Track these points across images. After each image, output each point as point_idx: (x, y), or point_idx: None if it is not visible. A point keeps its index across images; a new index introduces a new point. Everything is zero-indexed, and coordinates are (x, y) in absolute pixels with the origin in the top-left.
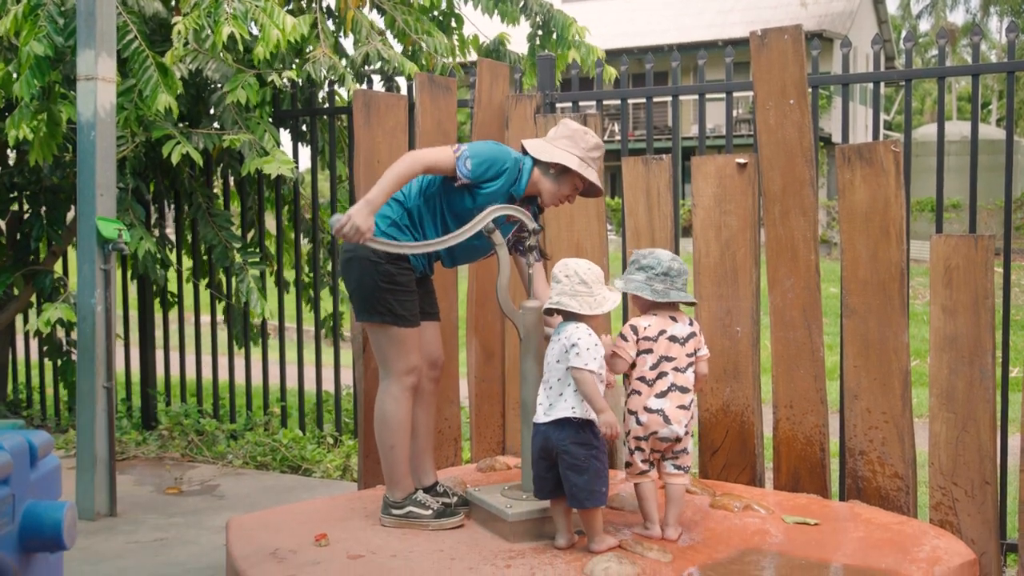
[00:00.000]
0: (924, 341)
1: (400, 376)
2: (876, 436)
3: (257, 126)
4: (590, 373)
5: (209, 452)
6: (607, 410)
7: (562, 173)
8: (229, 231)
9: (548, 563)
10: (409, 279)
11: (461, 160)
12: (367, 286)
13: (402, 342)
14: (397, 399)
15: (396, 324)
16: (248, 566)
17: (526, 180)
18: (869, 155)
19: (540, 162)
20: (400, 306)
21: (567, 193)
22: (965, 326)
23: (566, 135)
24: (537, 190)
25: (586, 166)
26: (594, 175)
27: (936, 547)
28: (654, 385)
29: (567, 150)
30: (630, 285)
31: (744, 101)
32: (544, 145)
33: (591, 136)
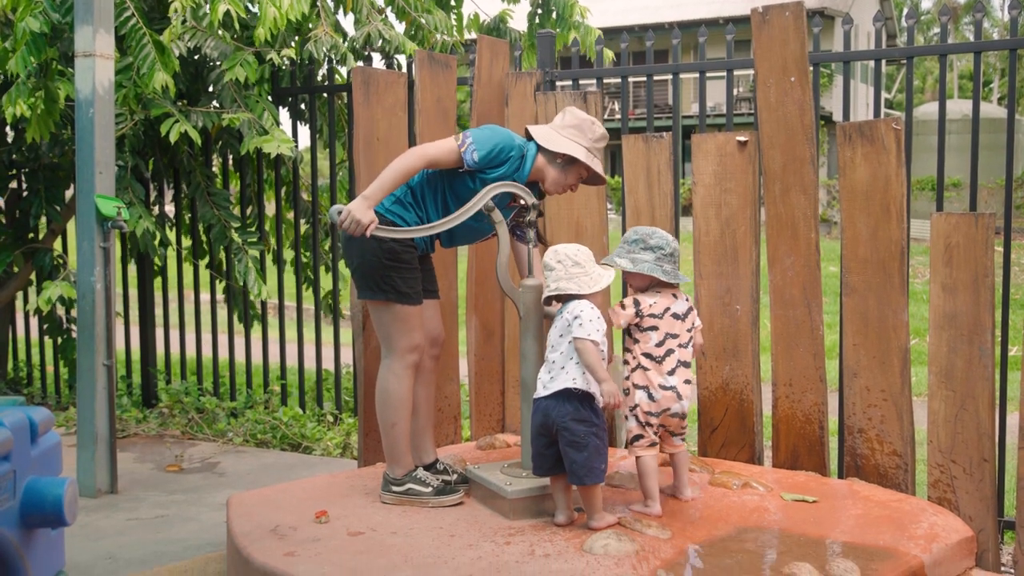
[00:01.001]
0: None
1: (403, 354)
2: (875, 414)
3: (256, 104)
4: (592, 343)
5: (209, 430)
6: (608, 380)
7: (569, 163)
8: (228, 210)
9: (547, 540)
10: (412, 256)
11: (468, 152)
12: (370, 263)
13: (405, 320)
14: (399, 377)
15: (399, 302)
16: (248, 543)
17: (530, 166)
18: (870, 133)
19: (545, 150)
20: (404, 283)
21: (572, 182)
22: (965, 304)
23: (573, 124)
24: (541, 177)
25: (592, 157)
26: (599, 166)
27: (934, 524)
28: (663, 363)
29: (574, 140)
30: (641, 265)
31: (745, 80)
32: (551, 134)
33: (598, 127)
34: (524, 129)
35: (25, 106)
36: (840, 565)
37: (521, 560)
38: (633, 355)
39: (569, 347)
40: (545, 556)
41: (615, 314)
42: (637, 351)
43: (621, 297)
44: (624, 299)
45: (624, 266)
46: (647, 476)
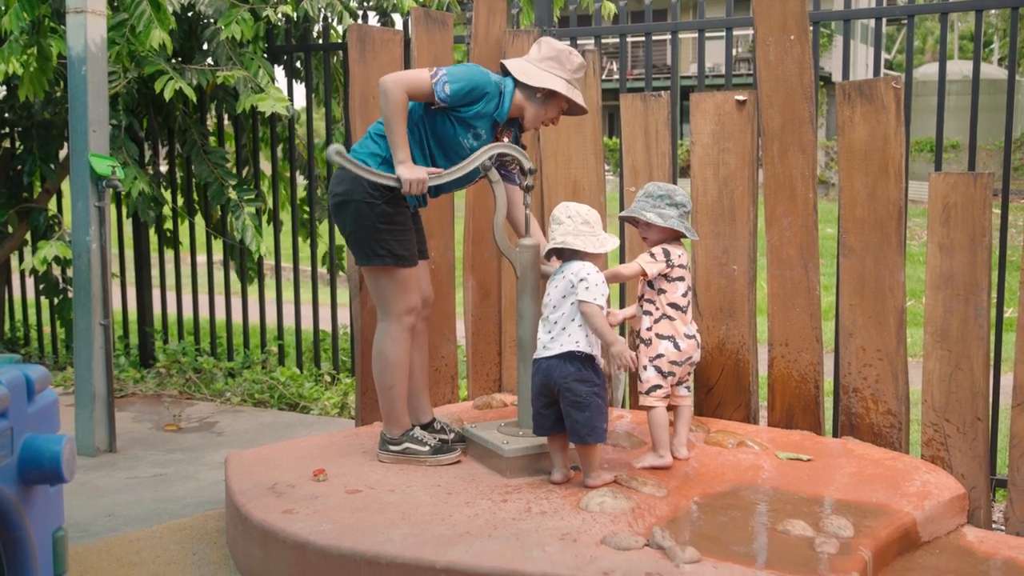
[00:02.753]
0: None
1: (400, 316)
2: (870, 374)
3: (251, 62)
4: (599, 307)
5: (207, 390)
6: (618, 341)
7: (549, 97)
8: (224, 168)
9: (544, 497)
10: (406, 217)
11: (439, 84)
12: (364, 228)
13: (402, 282)
14: (396, 340)
15: (397, 265)
16: (247, 500)
17: (508, 103)
18: (869, 92)
19: (523, 85)
20: (400, 246)
21: (552, 116)
22: (961, 264)
23: (551, 56)
24: (520, 113)
25: (572, 88)
26: (580, 96)
27: (927, 482)
28: (687, 312)
29: (553, 72)
30: (670, 221)
31: (744, 40)
32: (528, 67)
33: (576, 56)
34: (500, 65)
35: (18, 64)
36: (834, 522)
37: (518, 517)
38: (657, 305)
39: (572, 308)
40: (541, 513)
41: (647, 264)
42: (662, 301)
43: (618, 262)
44: (654, 249)
45: (654, 220)
46: (660, 426)
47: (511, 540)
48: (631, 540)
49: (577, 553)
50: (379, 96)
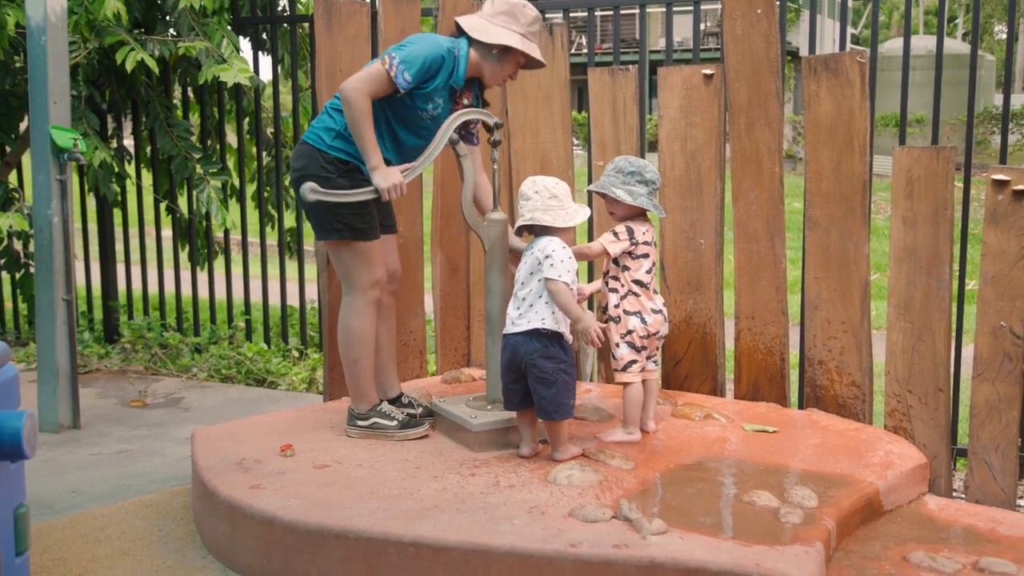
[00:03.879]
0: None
1: (364, 290)
2: (835, 346)
3: (215, 33)
4: (564, 284)
5: (173, 365)
6: (584, 318)
7: (504, 53)
8: (188, 141)
9: (512, 471)
10: None
11: (398, 74)
12: (321, 203)
13: (364, 256)
14: (361, 313)
15: (356, 239)
16: (213, 476)
17: (464, 66)
18: (835, 66)
19: (478, 43)
20: (359, 219)
21: (510, 71)
22: (924, 237)
23: (504, 11)
24: (478, 72)
25: (527, 42)
26: (536, 50)
27: (889, 452)
28: (649, 287)
29: (507, 27)
30: (639, 199)
31: (713, 14)
32: (482, 24)
33: (529, 9)
34: (454, 23)
35: None
36: (798, 492)
37: (486, 491)
38: (622, 282)
39: (539, 285)
40: (510, 487)
41: (609, 244)
42: (627, 278)
43: (586, 234)
44: (617, 228)
45: (623, 197)
46: (634, 404)
47: (479, 514)
48: (598, 512)
49: (545, 526)
50: (344, 107)
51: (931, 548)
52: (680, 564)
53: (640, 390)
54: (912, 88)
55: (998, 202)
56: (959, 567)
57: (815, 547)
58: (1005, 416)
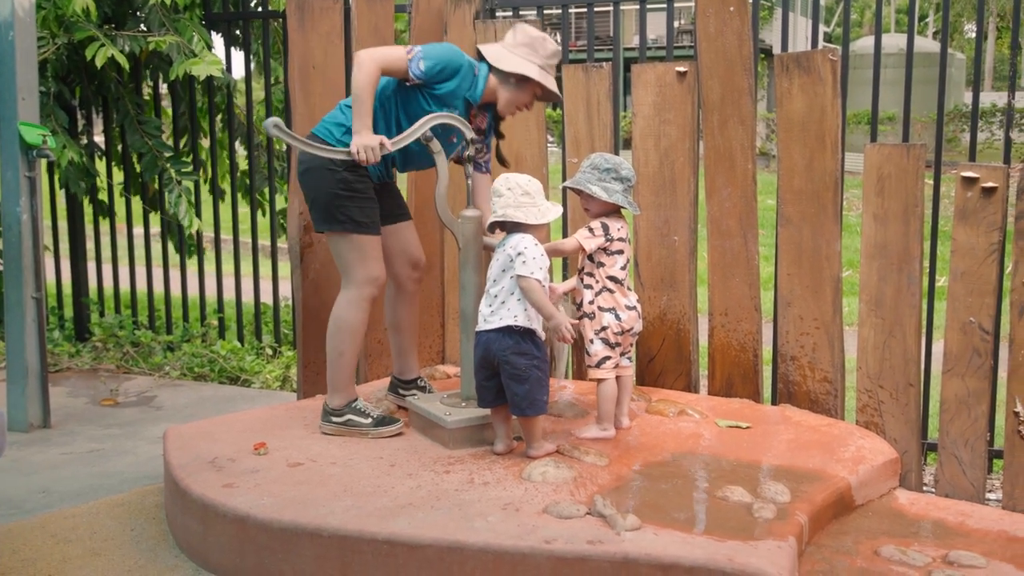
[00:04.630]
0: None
1: (360, 284)
2: (807, 342)
3: (186, 28)
4: (537, 282)
5: (145, 364)
6: (556, 315)
7: (522, 82)
8: (159, 139)
9: (487, 468)
10: (366, 186)
11: (414, 61)
12: (325, 194)
13: (362, 250)
14: (354, 307)
15: (357, 232)
16: (186, 475)
17: (482, 86)
18: (807, 63)
19: (498, 70)
20: (360, 213)
21: (526, 101)
22: (895, 234)
23: (525, 43)
24: (494, 98)
25: (546, 74)
26: (553, 83)
27: (861, 447)
28: (623, 284)
29: (527, 58)
30: (614, 196)
31: (687, 12)
32: (502, 53)
33: (550, 43)
34: (475, 50)
35: None
36: (771, 488)
37: (460, 488)
38: (596, 279)
39: (511, 283)
40: (484, 484)
41: (585, 240)
42: (601, 275)
43: (561, 230)
44: (592, 223)
45: (599, 194)
46: (608, 400)
47: (454, 511)
48: (573, 509)
49: (519, 522)
50: (354, 69)
51: (902, 542)
52: (654, 560)
53: (614, 386)
54: (883, 86)
55: (967, 199)
56: (929, 560)
57: (788, 542)
58: (974, 411)
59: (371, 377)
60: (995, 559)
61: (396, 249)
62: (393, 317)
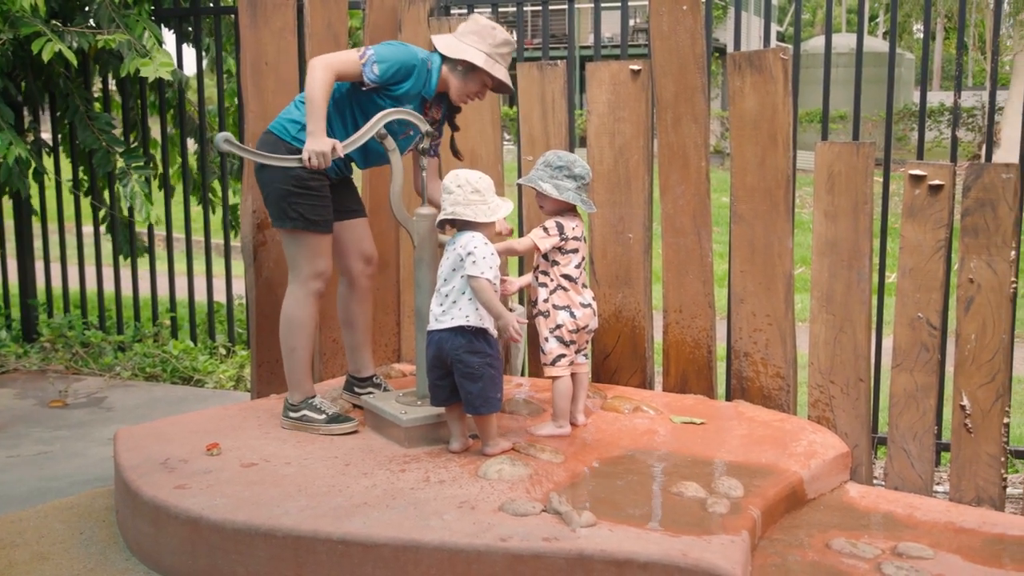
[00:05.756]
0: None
1: (306, 281)
2: (760, 338)
3: (136, 24)
4: (487, 281)
5: (95, 364)
6: (505, 315)
7: (469, 70)
8: (111, 135)
9: (442, 466)
10: (321, 184)
11: (368, 66)
12: (278, 191)
13: (312, 247)
14: (300, 303)
15: (307, 229)
16: (137, 476)
17: (436, 79)
18: (759, 62)
19: (448, 59)
20: (312, 211)
21: (475, 90)
22: (845, 231)
23: (474, 31)
24: (446, 87)
25: (493, 63)
26: (502, 72)
27: (813, 442)
28: (578, 282)
29: (474, 46)
30: (565, 193)
31: (642, 11)
32: (452, 41)
33: (499, 32)
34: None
35: None
36: (725, 483)
37: (416, 487)
38: (551, 277)
39: (462, 282)
40: (440, 482)
41: (540, 240)
42: (556, 273)
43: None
44: (547, 223)
45: (549, 191)
46: (563, 397)
47: (409, 509)
48: (528, 506)
49: (475, 520)
50: (308, 73)
51: (852, 535)
52: (609, 556)
53: (569, 384)
54: (834, 85)
55: (915, 197)
56: (878, 552)
57: (741, 536)
58: (922, 404)
59: (327, 376)
60: (942, 550)
61: (349, 244)
62: (346, 314)
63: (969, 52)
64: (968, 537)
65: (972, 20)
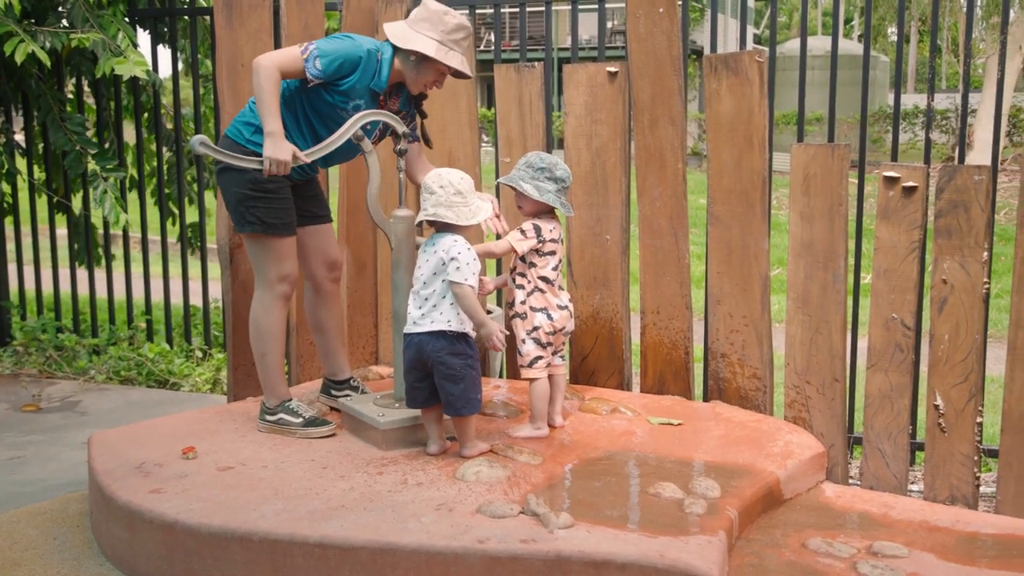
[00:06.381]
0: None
1: (271, 285)
2: (737, 339)
3: (110, 25)
4: (471, 288)
5: (69, 368)
6: (487, 323)
7: (422, 60)
8: (84, 137)
9: (420, 469)
10: (280, 186)
11: (310, 61)
12: (236, 195)
13: (274, 251)
14: (267, 307)
15: (266, 233)
16: (111, 481)
17: (387, 71)
18: (735, 64)
19: (399, 49)
20: (270, 214)
21: (431, 79)
22: (821, 232)
23: (425, 17)
24: (401, 78)
25: (446, 50)
26: (456, 59)
27: (789, 442)
28: (555, 284)
29: (425, 34)
30: (546, 195)
31: (620, 13)
32: (403, 30)
33: (452, 16)
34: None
35: None
36: (702, 484)
37: (394, 490)
38: (528, 279)
39: (443, 286)
40: (418, 485)
41: (517, 242)
42: (533, 275)
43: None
44: (524, 225)
45: (530, 192)
46: (541, 399)
47: (386, 512)
48: (506, 508)
49: (453, 523)
50: (252, 75)
51: (828, 534)
52: (587, 557)
53: (546, 385)
54: (810, 87)
55: (889, 198)
56: (854, 551)
57: (718, 536)
58: (897, 404)
59: (303, 379)
60: (916, 549)
61: (313, 250)
62: (314, 319)
63: (943, 55)
64: (942, 535)
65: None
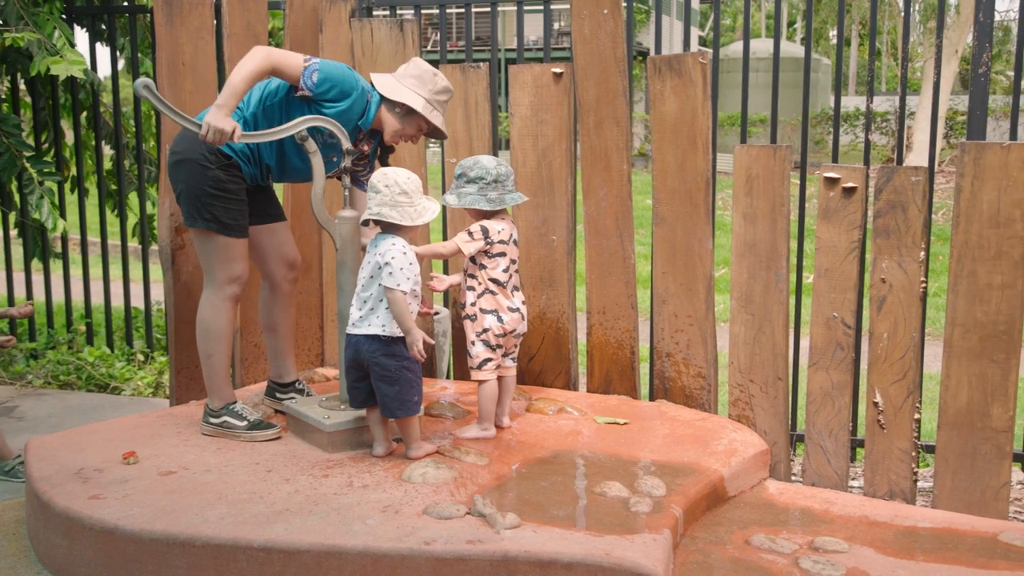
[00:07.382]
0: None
1: (221, 285)
2: (682, 339)
3: (47, 23)
4: (402, 294)
5: (5, 372)
6: (413, 330)
7: (407, 113)
8: (18, 138)
9: (366, 471)
10: (239, 187)
11: (308, 71)
12: (194, 190)
13: (226, 251)
14: (216, 308)
15: (221, 232)
16: (49, 487)
17: (374, 113)
18: (678, 66)
19: (386, 99)
20: (227, 214)
21: (411, 133)
22: (763, 232)
23: (415, 75)
24: (381, 126)
25: (432, 109)
26: (439, 119)
27: (733, 440)
28: (507, 286)
29: (414, 90)
30: (464, 200)
31: (567, 14)
32: (392, 82)
33: (440, 79)
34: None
35: None
36: (648, 483)
37: (339, 492)
38: (479, 280)
39: (379, 290)
40: (363, 487)
41: (464, 244)
42: (483, 276)
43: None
44: (472, 227)
45: (451, 203)
46: (489, 400)
47: (332, 515)
48: (453, 509)
49: (399, 524)
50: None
51: (771, 531)
52: (533, 557)
53: (495, 387)
54: (754, 89)
55: (830, 199)
56: (796, 547)
57: (663, 534)
58: (838, 402)
59: (248, 381)
60: (856, 543)
61: (271, 249)
62: (268, 319)
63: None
64: (881, 530)
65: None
